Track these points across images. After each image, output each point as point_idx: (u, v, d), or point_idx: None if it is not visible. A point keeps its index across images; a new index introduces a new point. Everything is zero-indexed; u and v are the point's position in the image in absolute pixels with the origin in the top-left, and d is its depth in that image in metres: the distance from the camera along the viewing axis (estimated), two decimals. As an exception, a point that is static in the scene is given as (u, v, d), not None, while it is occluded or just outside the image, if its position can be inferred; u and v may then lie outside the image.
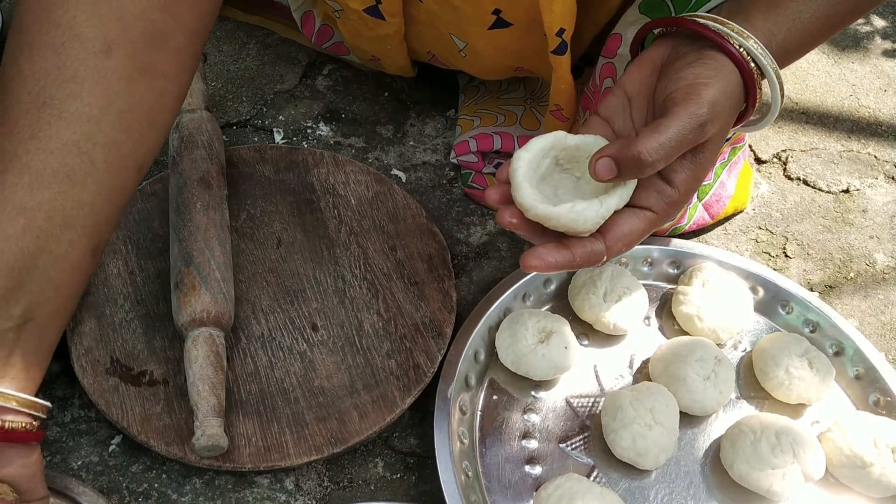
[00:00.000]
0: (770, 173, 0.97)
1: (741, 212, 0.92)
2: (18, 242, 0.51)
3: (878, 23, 1.16)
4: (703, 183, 0.82)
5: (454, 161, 0.90)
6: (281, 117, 0.96)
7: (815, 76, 1.08)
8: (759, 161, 0.98)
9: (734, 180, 0.88)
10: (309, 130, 0.95)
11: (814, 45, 0.62)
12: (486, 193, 0.58)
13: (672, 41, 0.60)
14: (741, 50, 0.56)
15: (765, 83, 0.58)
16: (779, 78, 0.57)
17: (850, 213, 0.93)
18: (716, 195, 0.87)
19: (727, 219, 0.91)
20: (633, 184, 0.56)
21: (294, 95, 0.98)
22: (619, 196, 0.55)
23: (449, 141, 0.95)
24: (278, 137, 0.94)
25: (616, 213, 0.55)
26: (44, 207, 0.51)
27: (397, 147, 0.94)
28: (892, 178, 0.97)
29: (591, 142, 0.58)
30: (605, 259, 0.56)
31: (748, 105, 0.58)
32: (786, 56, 0.59)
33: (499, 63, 0.84)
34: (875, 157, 0.99)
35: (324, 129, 0.95)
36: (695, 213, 0.86)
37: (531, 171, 0.56)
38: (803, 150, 0.99)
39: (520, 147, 0.81)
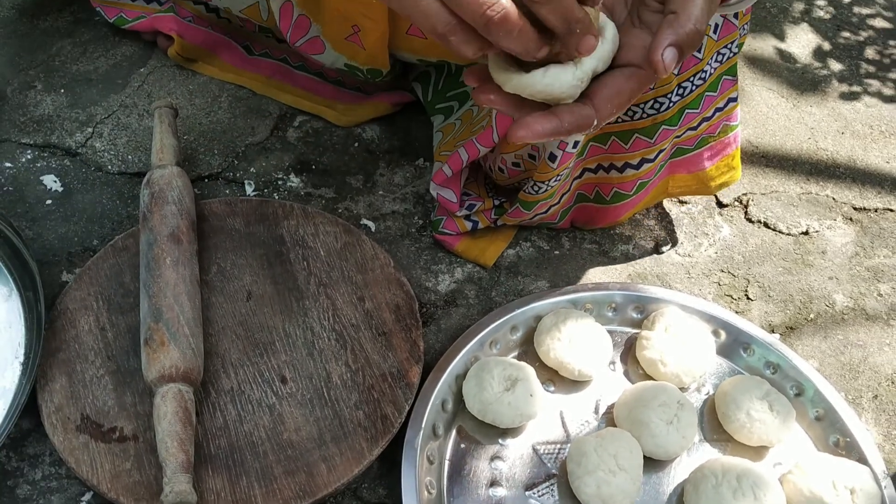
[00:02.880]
0: (731, 216, 0.99)
1: (732, 183, 0.91)
2: None
3: (835, 66, 1.20)
4: (706, 135, 0.83)
5: (434, 194, 0.89)
6: (252, 169, 0.97)
7: (775, 120, 1.11)
8: (720, 205, 1.00)
9: (735, 146, 0.88)
10: (280, 182, 0.97)
11: None
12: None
13: None
14: None
15: None
16: None
17: (809, 255, 0.96)
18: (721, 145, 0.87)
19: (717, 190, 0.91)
20: (611, 42, 0.54)
21: (265, 147, 1.00)
22: (597, 57, 0.53)
23: (418, 190, 0.97)
24: (249, 189, 0.95)
25: (601, 75, 0.54)
26: None
27: (367, 196, 0.96)
28: (850, 219, 1.00)
29: None
30: (595, 123, 0.54)
31: None
32: None
33: None
34: (833, 199, 1.02)
35: (294, 181, 0.97)
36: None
37: None
38: (763, 193, 1.01)
39: (484, 147, 0.80)
